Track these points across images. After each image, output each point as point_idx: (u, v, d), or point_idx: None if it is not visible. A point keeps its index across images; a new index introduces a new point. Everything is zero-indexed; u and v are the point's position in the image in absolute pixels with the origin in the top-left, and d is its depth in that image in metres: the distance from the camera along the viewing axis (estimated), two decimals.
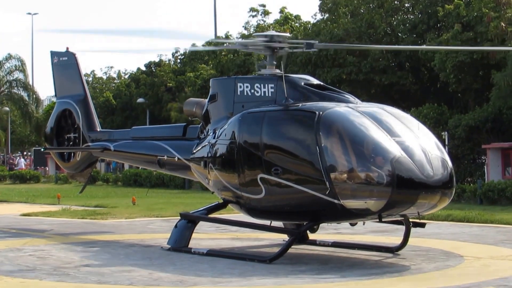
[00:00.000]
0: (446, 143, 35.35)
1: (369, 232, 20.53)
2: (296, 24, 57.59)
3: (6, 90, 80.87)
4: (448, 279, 13.61)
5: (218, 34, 65.32)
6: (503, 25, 36.49)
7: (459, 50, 36.97)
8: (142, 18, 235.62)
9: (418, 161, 14.52)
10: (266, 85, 16.87)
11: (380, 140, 14.66)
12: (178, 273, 14.27)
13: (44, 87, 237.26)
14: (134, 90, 72.39)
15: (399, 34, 46.71)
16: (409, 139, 14.94)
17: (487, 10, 38.09)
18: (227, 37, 61.91)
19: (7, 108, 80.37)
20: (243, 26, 63.44)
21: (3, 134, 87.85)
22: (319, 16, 52.30)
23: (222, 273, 14.26)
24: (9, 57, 79.78)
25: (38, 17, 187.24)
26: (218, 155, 16.90)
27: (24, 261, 15.93)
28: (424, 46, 41.32)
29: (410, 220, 16.28)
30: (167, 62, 73.69)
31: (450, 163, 15.14)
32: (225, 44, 45.54)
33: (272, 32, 18.20)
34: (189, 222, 17.67)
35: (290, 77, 16.93)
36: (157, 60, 74.39)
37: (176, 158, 19.14)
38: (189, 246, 17.17)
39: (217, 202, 18.00)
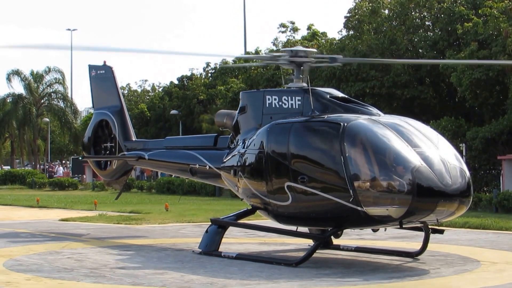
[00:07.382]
0: (464, 154, 35.80)
1: (390, 238, 20.88)
2: (323, 41, 58.09)
3: (46, 102, 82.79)
4: (466, 283, 14.04)
5: (247, 50, 65.94)
6: None
7: (478, 63, 37.24)
8: (173, 35, 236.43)
9: (438, 170, 14.89)
10: (293, 97, 17.34)
11: (401, 151, 15.05)
12: (208, 275, 14.62)
13: (82, 99, 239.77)
14: (167, 103, 73.56)
15: (420, 51, 47.24)
16: (428, 149, 15.30)
17: (504, 24, 38.28)
18: (257, 52, 62.38)
19: (47, 119, 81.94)
20: (271, 42, 63.93)
21: (43, 143, 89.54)
22: (344, 32, 53.04)
23: (250, 276, 14.59)
24: (48, 70, 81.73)
25: (77, 33, 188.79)
26: (247, 164, 17.31)
27: (63, 263, 16.32)
28: (441, 60, 41.65)
29: (429, 226, 16.65)
30: (199, 76, 74.58)
31: (468, 173, 15.47)
32: (254, 60, 46.17)
33: (298, 47, 18.45)
34: (219, 227, 18.01)
35: (316, 90, 17.36)
36: (189, 74, 75.40)
37: (207, 167, 19.62)
38: (219, 250, 17.51)
39: (246, 209, 18.31)
